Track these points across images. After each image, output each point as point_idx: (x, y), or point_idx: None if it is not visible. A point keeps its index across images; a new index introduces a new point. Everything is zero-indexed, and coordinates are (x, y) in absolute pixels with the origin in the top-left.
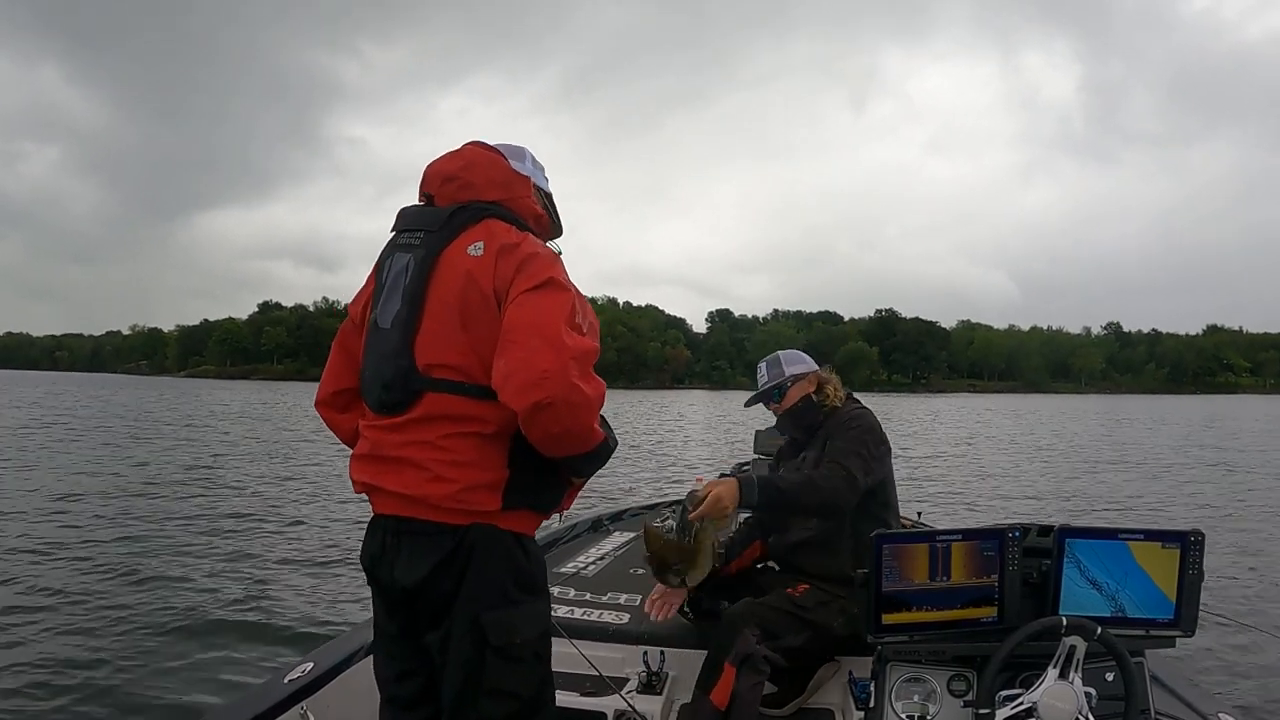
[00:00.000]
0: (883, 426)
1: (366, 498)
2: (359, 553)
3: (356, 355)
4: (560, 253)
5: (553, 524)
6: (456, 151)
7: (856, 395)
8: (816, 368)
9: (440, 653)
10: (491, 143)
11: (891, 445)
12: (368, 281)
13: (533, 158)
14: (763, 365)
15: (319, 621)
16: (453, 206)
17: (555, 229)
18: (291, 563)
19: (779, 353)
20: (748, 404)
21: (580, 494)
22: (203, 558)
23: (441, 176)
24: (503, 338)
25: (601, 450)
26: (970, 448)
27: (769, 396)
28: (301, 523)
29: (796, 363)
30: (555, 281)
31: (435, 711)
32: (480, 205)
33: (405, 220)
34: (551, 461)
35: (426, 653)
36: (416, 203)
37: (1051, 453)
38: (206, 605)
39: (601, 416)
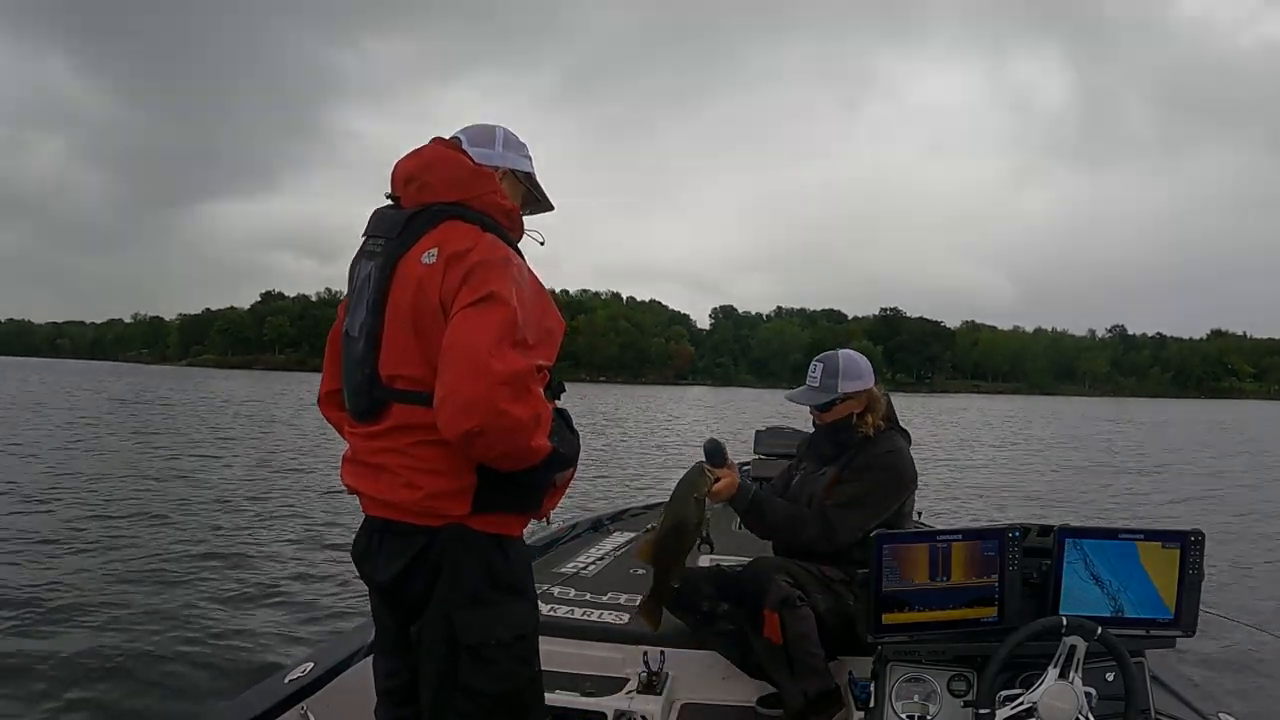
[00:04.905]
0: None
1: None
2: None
3: None
4: (542, 242)
5: (544, 527)
6: (418, 150)
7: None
8: (872, 384)
9: (417, 651)
10: (468, 125)
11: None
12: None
13: (506, 137)
14: (818, 366)
15: (319, 621)
16: (411, 210)
17: (543, 205)
18: (292, 561)
19: (839, 357)
20: (790, 398)
21: (578, 495)
22: (201, 556)
23: (404, 177)
24: (440, 356)
25: (554, 461)
26: (971, 448)
27: (818, 404)
28: (302, 519)
29: (854, 378)
30: (495, 296)
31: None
32: (440, 207)
33: (371, 224)
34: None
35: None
36: (387, 203)
37: (1053, 453)
38: (206, 604)
39: (563, 414)
